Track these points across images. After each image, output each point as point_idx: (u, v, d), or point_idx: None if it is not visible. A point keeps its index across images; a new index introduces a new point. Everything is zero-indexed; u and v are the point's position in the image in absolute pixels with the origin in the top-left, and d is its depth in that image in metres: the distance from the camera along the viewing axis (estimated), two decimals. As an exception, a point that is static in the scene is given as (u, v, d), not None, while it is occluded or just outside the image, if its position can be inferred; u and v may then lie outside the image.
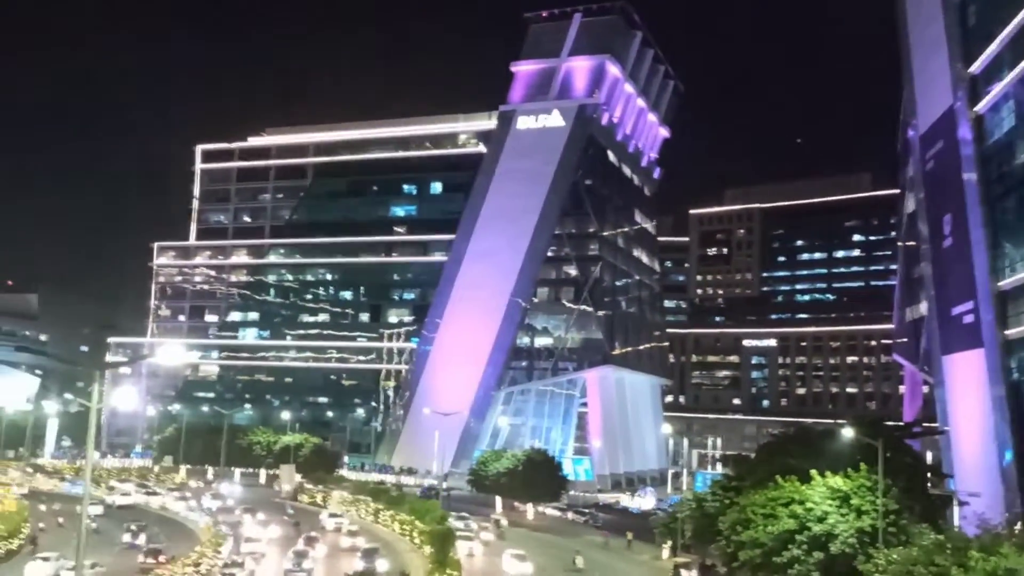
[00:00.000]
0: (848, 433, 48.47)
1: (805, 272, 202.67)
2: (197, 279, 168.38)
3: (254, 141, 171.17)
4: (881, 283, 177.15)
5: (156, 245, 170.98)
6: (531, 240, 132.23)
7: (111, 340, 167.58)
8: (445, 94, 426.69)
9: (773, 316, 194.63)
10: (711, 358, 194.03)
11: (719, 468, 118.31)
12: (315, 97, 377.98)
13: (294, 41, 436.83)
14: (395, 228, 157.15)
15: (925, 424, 74.87)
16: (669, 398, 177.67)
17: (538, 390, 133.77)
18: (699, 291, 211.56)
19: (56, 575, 46.27)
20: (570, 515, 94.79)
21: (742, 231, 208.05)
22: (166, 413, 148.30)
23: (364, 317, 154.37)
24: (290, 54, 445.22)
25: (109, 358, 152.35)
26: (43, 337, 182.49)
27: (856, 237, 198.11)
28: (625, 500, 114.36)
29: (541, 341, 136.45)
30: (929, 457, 65.71)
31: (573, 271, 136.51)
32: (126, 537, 63.56)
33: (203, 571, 52.38)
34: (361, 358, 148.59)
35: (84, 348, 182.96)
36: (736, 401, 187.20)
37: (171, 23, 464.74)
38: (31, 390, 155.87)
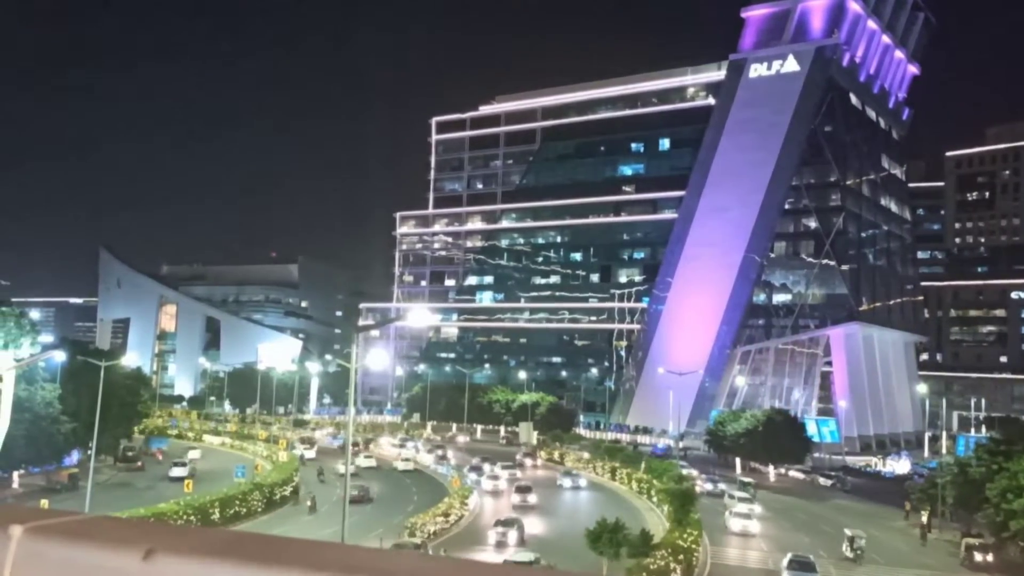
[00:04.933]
0: None
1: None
2: (436, 246, 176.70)
3: (484, 109, 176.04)
4: None
5: (398, 215, 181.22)
6: (766, 193, 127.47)
7: (362, 305, 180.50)
8: (671, 48, 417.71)
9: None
10: (973, 312, 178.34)
11: (983, 431, 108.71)
12: (541, 62, 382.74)
13: (518, 6, 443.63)
14: (623, 187, 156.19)
15: None
16: (924, 356, 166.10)
17: (777, 348, 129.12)
18: (957, 240, 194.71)
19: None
20: (816, 478, 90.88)
21: (1008, 172, 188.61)
22: (412, 373, 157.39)
23: (594, 278, 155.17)
24: (514, 20, 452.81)
25: (361, 322, 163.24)
26: (303, 304, 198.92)
27: None
28: (876, 464, 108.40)
29: (779, 298, 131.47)
30: None
31: (813, 224, 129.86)
32: None
33: (451, 520, 55.48)
34: (593, 318, 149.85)
35: (339, 313, 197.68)
36: (1003, 359, 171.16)
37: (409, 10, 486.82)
38: (295, 352, 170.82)
